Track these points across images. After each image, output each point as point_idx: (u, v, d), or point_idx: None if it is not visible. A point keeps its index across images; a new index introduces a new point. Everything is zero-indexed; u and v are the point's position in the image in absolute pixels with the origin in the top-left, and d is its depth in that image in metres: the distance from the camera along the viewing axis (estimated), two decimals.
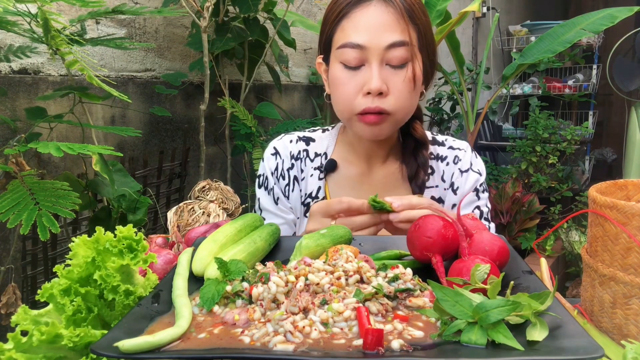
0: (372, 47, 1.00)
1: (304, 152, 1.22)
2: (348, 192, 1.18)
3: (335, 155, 1.21)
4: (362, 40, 1.00)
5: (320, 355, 0.54)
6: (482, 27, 5.05)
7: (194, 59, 2.51)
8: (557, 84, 4.69)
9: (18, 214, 1.17)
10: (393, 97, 1.02)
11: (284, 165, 1.22)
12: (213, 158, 2.70)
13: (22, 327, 0.61)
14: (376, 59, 1.00)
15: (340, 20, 1.04)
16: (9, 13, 1.46)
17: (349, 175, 1.19)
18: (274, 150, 1.24)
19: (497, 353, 0.53)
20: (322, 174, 1.20)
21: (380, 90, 1.00)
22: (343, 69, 1.03)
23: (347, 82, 1.03)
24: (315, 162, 1.21)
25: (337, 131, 1.25)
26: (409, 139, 1.18)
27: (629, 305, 0.72)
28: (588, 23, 2.62)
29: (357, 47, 1.00)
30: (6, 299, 1.49)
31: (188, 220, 1.03)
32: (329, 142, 1.23)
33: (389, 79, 1.01)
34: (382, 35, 0.99)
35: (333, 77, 1.06)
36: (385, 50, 1.00)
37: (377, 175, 1.19)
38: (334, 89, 1.07)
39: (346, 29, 1.02)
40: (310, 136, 1.25)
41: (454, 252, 0.75)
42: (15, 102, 1.88)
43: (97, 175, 1.49)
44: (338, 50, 1.03)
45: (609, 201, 0.73)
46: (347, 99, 1.04)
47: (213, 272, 0.71)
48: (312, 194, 1.20)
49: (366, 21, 1.00)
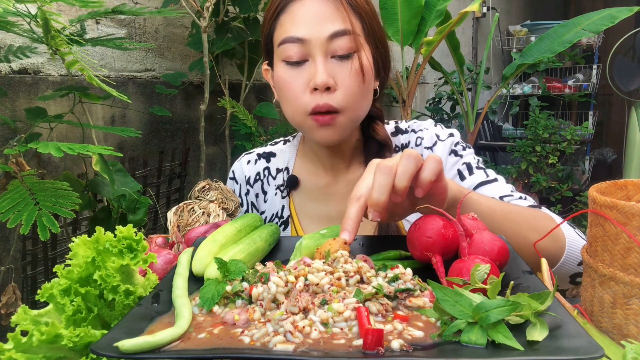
0: (313, 39, 0.93)
1: (265, 171, 1.17)
2: (314, 205, 1.12)
3: (297, 169, 1.15)
4: (302, 33, 0.93)
5: (320, 355, 0.54)
6: (482, 27, 5.05)
7: (194, 59, 2.51)
8: (557, 84, 4.69)
9: (18, 214, 1.17)
10: (341, 92, 0.95)
11: (241, 190, 1.19)
12: (213, 158, 2.70)
13: (22, 327, 0.61)
14: (319, 52, 0.94)
15: (278, 16, 0.98)
16: (9, 13, 1.46)
17: (314, 188, 1.13)
18: (232, 174, 1.21)
19: (497, 353, 0.53)
20: (285, 193, 1.14)
21: (326, 84, 0.93)
22: (286, 67, 0.97)
23: (291, 80, 0.96)
24: (277, 179, 1.16)
25: (297, 142, 1.19)
26: (371, 142, 1.10)
27: (629, 305, 0.72)
28: (588, 23, 2.62)
29: (297, 41, 0.94)
30: (6, 299, 1.49)
31: (188, 220, 1.03)
32: (290, 155, 1.17)
33: (335, 72, 0.94)
34: (323, 25, 0.93)
35: (277, 79, 0.99)
36: (327, 41, 0.93)
37: (342, 183, 1.12)
38: (280, 91, 1.00)
39: (285, 24, 0.96)
40: (271, 151, 1.20)
41: (454, 252, 0.75)
42: (15, 102, 1.88)
43: (97, 175, 1.49)
44: (279, 48, 0.97)
45: (609, 201, 0.73)
46: (293, 98, 0.97)
47: (213, 272, 0.71)
48: (277, 213, 1.14)
49: (305, 13, 0.94)
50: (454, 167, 1.08)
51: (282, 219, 1.14)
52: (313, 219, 1.12)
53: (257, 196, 1.18)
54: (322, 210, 1.12)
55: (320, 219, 1.12)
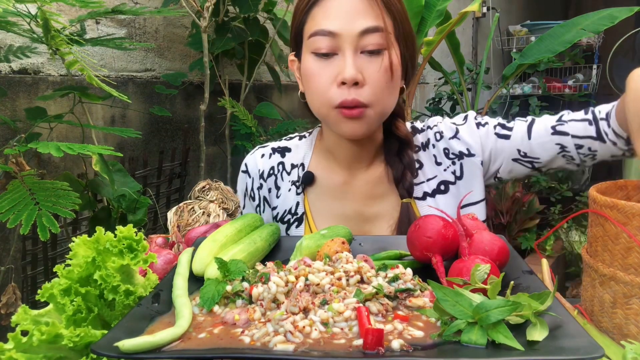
0: (345, 33, 0.93)
1: (279, 166, 1.16)
2: (330, 203, 1.11)
3: (313, 165, 1.14)
4: (334, 26, 0.94)
5: (321, 355, 0.54)
6: (482, 27, 5.05)
7: (194, 59, 2.51)
8: (557, 84, 4.69)
9: (18, 214, 1.17)
10: (369, 88, 0.95)
11: (253, 184, 1.17)
12: (213, 158, 2.70)
13: (22, 327, 0.61)
14: (349, 47, 0.94)
15: (311, 9, 0.98)
16: (9, 13, 1.46)
17: (330, 185, 1.12)
18: (244, 167, 1.19)
19: (497, 353, 0.53)
20: (300, 189, 1.13)
21: (355, 79, 0.93)
22: (315, 58, 0.97)
23: (319, 72, 0.96)
24: (292, 174, 1.14)
25: (314, 137, 1.18)
26: (391, 139, 1.10)
27: (629, 305, 0.72)
28: (588, 23, 2.62)
29: (328, 34, 0.94)
30: (6, 299, 1.49)
31: (188, 220, 1.03)
32: (306, 150, 1.16)
33: (364, 67, 0.95)
34: (355, 20, 0.93)
35: (306, 69, 0.99)
36: (358, 36, 0.94)
37: (360, 182, 1.10)
38: (307, 83, 1.00)
39: (316, 16, 0.96)
40: (286, 146, 1.18)
41: (454, 252, 0.75)
42: (15, 102, 1.88)
43: (97, 175, 1.49)
44: (309, 40, 0.97)
45: (609, 201, 0.73)
46: (321, 91, 0.97)
47: (213, 272, 0.71)
48: (291, 209, 1.13)
49: (338, 7, 0.95)
50: (490, 135, 1.08)
51: (296, 216, 1.13)
52: (328, 217, 1.11)
53: (269, 191, 1.16)
54: (337, 209, 1.11)
55: (335, 217, 1.10)
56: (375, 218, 1.09)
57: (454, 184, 1.09)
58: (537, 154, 1.04)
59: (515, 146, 1.06)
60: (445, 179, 1.09)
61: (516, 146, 1.06)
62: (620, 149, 0.97)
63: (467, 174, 1.08)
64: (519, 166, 1.07)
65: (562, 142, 1.02)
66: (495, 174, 1.10)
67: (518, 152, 1.06)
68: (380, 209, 1.09)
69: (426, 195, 1.09)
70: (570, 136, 1.01)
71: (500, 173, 1.10)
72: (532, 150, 1.04)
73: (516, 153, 1.06)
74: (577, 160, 1.03)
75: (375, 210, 1.10)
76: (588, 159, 1.02)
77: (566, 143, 1.01)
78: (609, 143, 0.97)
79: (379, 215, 1.09)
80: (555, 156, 1.03)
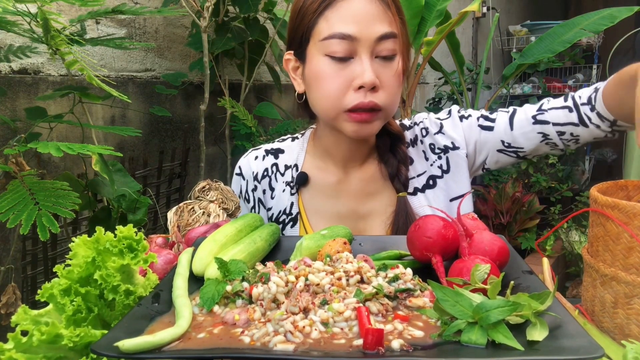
0: (363, 38, 0.95)
1: (273, 167, 1.17)
2: (324, 202, 1.12)
3: (307, 165, 1.15)
4: (352, 30, 0.94)
5: (321, 355, 0.54)
6: (482, 27, 5.05)
7: (194, 59, 2.51)
8: (557, 84, 4.69)
9: (18, 214, 1.17)
10: (384, 92, 0.97)
11: (248, 186, 1.18)
12: (213, 158, 2.70)
13: (22, 327, 0.61)
14: (366, 51, 0.95)
15: (324, 11, 0.97)
16: (9, 13, 1.46)
17: (324, 185, 1.13)
18: (238, 170, 1.20)
19: (497, 353, 0.53)
20: (294, 189, 1.14)
21: (374, 84, 0.95)
22: (329, 61, 0.97)
23: (334, 75, 0.96)
24: (286, 175, 1.16)
25: (307, 138, 1.19)
26: (383, 136, 1.11)
27: (630, 305, 0.72)
28: (588, 23, 2.62)
29: (346, 37, 0.95)
30: (6, 299, 1.49)
31: (188, 220, 1.03)
32: (299, 151, 1.17)
33: (379, 72, 0.96)
34: (372, 26, 0.95)
35: (317, 71, 0.99)
36: (375, 42, 0.95)
37: (354, 180, 1.12)
38: (317, 85, 1.00)
39: (331, 19, 0.96)
40: (279, 147, 1.20)
41: (454, 252, 0.75)
42: (15, 102, 1.88)
43: (97, 175, 1.49)
44: (323, 42, 0.97)
45: (610, 201, 0.73)
46: (334, 95, 0.97)
47: (213, 272, 0.71)
48: (285, 210, 1.14)
49: (354, 11, 0.95)
50: (473, 127, 1.10)
51: (290, 216, 1.14)
52: (322, 216, 1.12)
53: (264, 192, 1.17)
54: (332, 208, 1.12)
55: (330, 216, 1.12)
56: (369, 215, 1.11)
57: (441, 177, 1.12)
58: (521, 143, 1.07)
59: (499, 137, 1.08)
60: (433, 174, 1.12)
61: (500, 137, 1.08)
62: (604, 131, 0.99)
63: (453, 167, 1.11)
64: (505, 156, 1.10)
65: (544, 130, 1.04)
66: (482, 165, 1.13)
67: (502, 143, 1.08)
68: (374, 206, 1.11)
69: (417, 190, 1.11)
70: (552, 124, 1.03)
71: (487, 164, 1.13)
72: (515, 141, 1.07)
73: (500, 144, 1.09)
74: (560, 146, 1.06)
75: (369, 208, 1.11)
76: (571, 143, 1.05)
77: (548, 131, 1.04)
78: (591, 127, 1.00)
79: (372, 212, 1.11)
80: (539, 144, 1.06)
